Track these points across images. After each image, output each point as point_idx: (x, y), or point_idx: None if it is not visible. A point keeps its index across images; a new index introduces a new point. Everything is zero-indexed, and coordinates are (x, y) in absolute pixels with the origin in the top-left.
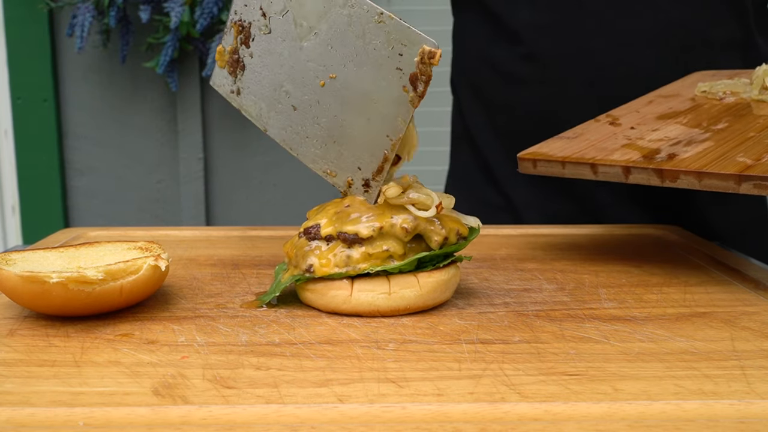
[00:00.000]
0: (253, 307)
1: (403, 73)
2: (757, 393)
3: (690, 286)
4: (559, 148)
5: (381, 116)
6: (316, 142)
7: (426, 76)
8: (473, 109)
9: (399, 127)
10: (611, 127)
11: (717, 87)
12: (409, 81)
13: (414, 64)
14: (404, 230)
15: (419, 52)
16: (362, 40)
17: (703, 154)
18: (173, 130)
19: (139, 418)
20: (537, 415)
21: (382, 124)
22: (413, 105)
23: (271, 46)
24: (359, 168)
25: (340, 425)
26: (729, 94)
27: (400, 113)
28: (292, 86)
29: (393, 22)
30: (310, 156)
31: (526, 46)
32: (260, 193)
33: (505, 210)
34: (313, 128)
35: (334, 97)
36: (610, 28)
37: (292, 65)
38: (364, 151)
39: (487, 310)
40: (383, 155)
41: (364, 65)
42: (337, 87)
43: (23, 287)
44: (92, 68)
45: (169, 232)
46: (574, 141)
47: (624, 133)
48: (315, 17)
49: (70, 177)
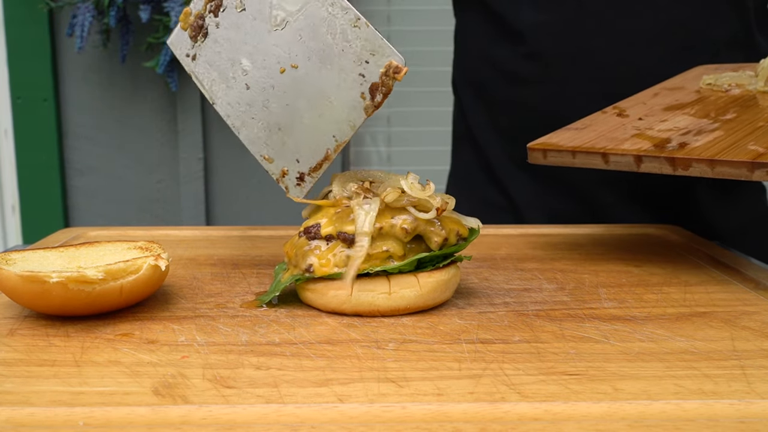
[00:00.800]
0: (253, 307)
1: (365, 80)
2: (757, 393)
3: (690, 286)
4: (568, 138)
5: (333, 116)
6: (260, 125)
7: (386, 88)
8: (475, 108)
9: (346, 131)
10: (619, 119)
11: (722, 79)
12: (368, 89)
13: (378, 75)
14: (404, 231)
15: (386, 65)
16: (333, 38)
17: (714, 142)
18: (173, 130)
19: (139, 417)
20: (537, 414)
21: (331, 124)
22: (366, 113)
23: (240, 21)
24: (297, 160)
25: (340, 425)
26: (734, 86)
27: (352, 118)
28: (251, 65)
29: (368, 30)
30: (251, 137)
31: (528, 46)
32: (260, 193)
33: (507, 210)
34: (262, 111)
35: (291, 86)
36: (611, 27)
37: (256, 45)
38: (306, 145)
39: (487, 309)
40: (325, 154)
41: (328, 63)
42: (296, 77)
43: (23, 287)
44: (92, 68)
45: (169, 232)
46: (583, 132)
47: (632, 124)
48: (294, 6)
49: (70, 177)
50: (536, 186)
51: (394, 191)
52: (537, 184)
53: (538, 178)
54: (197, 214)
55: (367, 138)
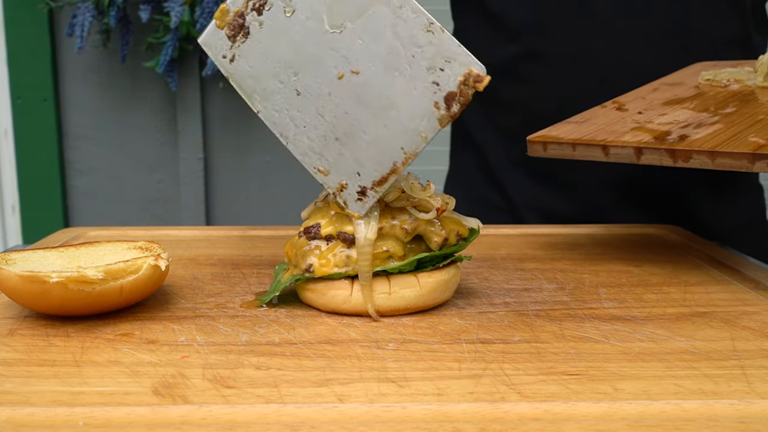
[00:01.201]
0: (253, 307)
1: (440, 89)
2: (757, 393)
3: (690, 286)
4: (568, 131)
5: (401, 126)
6: (313, 135)
7: (465, 98)
8: (473, 109)
9: (417, 143)
10: (618, 112)
11: (721, 75)
12: (443, 98)
13: (455, 83)
14: (404, 231)
15: (465, 73)
16: (401, 43)
17: (713, 135)
18: (173, 130)
19: (139, 417)
20: (537, 414)
21: (399, 135)
22: (441, 124)
23: (290, 21)
24: (358, 173)
25: (340, 425)
26: (733, 81)
27: (423, 128)
28: (303, 69)
29: (442, 36)
30: (303, 148)
31: (527, 46)
32: (260, 193)
33: (506, 210)
34: (315, 119)
35: (350, 94)
36: (610, 27)
37: (309, 47)
38: (369, 158)
39: (487, 309)
40: (392, 166)
41: (395, 70)
42: (357, 84)
43: (23, 287)
44: (92, 68)
45: (169, 232)
46: (583, 125)
47: (632, 118)
48: (354, 7)
49: (70, 177)
50: (535, 186)
51: (394, 191)
52: (535, 185)
53: (537, 178)
54: (197, 214)
55: None
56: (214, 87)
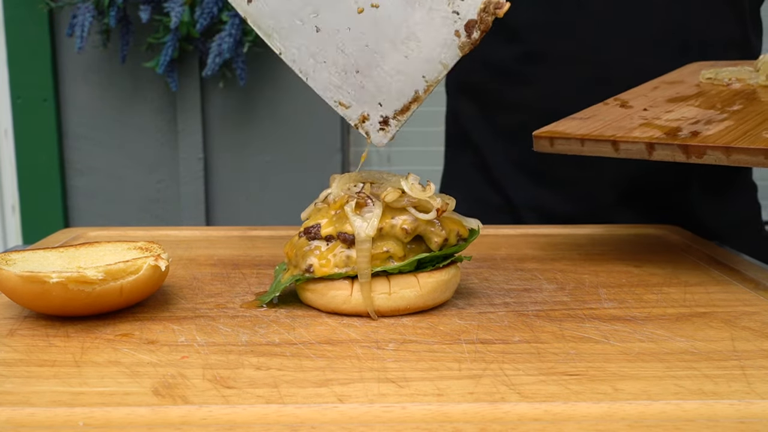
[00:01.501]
0: (253, 307)
1: (460, 17)
2: (757, 393)
3: (690, 286)
4: (575, 126)
5: (422, 56)
6: (334, 70)
7: (485, 25)
8: (470, 109)
9: (438, 70)
10: (623, 109)
11: (722, 73)
12: (464, 26)
13: (475, 11)
14: (404, 231)
15: (485, 1)
16: None
17: (726, 131)
18: (173, 130)
19: (139, 418)
20: (537, 415)
21: (420, 64)
22: (462, 51)
23: None
24: (380, 104)
25: (340, 425)
26: (735, 80)
27: (444, 57)
28: (322, 7)
29: None
30: (323, 83)
31: (525, 45)
32: (260, 193)
33: (504, 210)
34: (336, 54)
35: (371, 27)
36: (609, 27)
37: None
38: (391, 88)
39: (487, 310)
40: (414, 95)
41: (415, 1)
42: (378, 17)
43: (23, 287)
44: (92, 68)
45: (169, 232)
46: (588, 121)
47: (639, 114)
48: None
49: (70, 177)
50: (533, 186)
51: (394, 192)
52: (534, 185)
53: (536, 178)
54: (197, 214)
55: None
56: (214, 87)
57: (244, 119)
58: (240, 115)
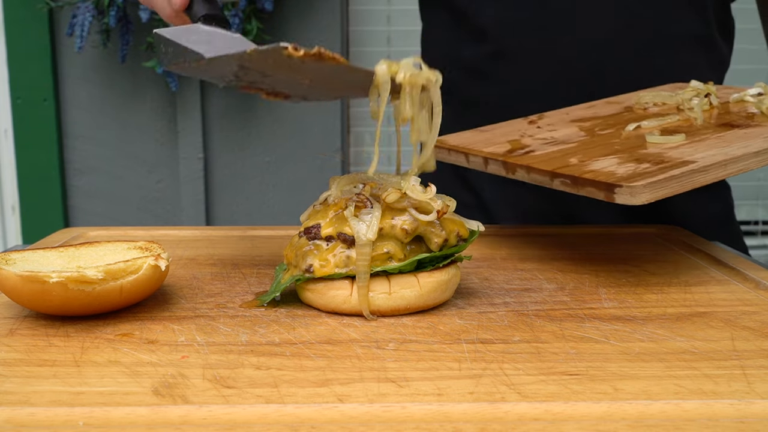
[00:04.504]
0: (253, 307)
1: None
2: (757, 393)
3: (690, 286)
4: (464, 137)
5: None
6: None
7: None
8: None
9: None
10: (525, 125)
11: (645, 98)
12: None
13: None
14: (404, 232)
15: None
16: None
17: (553, 153)
18: (173, 130)
19: (139, 418)
20: (537, 415)
21: None
22: None
23: None
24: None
25: (340, 425)
26: (652, 104)
27: None
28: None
29: None
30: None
31: (493, 44)
32: (260, 193)
33: (477, 208)
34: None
35: None
36: (574, 24)
37: None
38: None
39: (487, 309)
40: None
41: None
42: None
43: (23, 287)
44: (92, 68)
45: (169, 232)
46: (483, 133)
47: (525, 131)
48: None
49: (70, 177)
50: (504, 184)
51: (395, 192)
52: (505, 183)
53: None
54: (197, 214)
55: (366, 138)
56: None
57: (244, 119)
58: (240, 115)
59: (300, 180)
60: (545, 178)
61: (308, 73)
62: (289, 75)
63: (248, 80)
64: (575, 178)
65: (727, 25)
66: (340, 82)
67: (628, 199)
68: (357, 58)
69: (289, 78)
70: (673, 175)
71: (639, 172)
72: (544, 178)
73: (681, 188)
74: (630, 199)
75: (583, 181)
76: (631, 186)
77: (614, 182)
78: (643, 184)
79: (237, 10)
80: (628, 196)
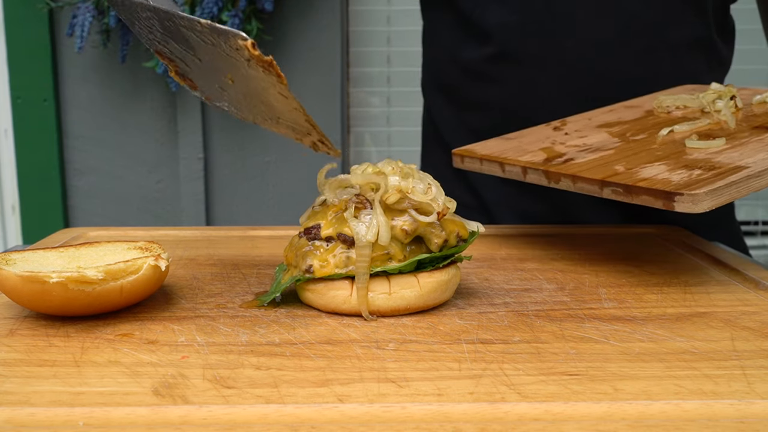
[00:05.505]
0: (253, 307)
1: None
2: (757, 393)
3: (690, 286)
4: (491, 146)
5: None
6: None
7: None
8: (444, 110)
9: None
10: (551, 132)
11: (667, 101)
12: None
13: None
14: (404, 232)
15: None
16: None
17: (594, 161)
18: (173, 130)
19: (139, 418)
20: (537, 415)
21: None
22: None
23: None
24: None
25: (340, 425)
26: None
27: None
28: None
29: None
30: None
31: (496, 46)
32: (260, 193)
33: (478, 210)
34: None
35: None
36: (577, 28)
37: None
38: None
39: (487, 310)
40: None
41: None
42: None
43: (23, 287)
44: (92, 68)
45: (169, 232)
46: (509, 141)
47: (555, 138)
48: None
49: (70, 177)
50: (505, 186)
51: (395, 193)
52: (506, 184)
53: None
54: (197, 214)
55: (366, 138)
56: None
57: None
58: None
59: (300, 180)
60: (594, 188)
61: (242, 76)
62: (219, 65)
63: (170, 48)
64: (629, 186)
65: (727, 27)
66: (267, 104)
67: (689, 207)
68: (357, 58)
69: (214, 67)
70: (732, 181)
71: (694, 179)
72: (593, 187)
73: (738, 194)
74: (692, 207)
75: (637, 189)
76: (693, 194)
77: (673, 190)
78: (705, 192)
79: (237, 11)
80: (690, 204)
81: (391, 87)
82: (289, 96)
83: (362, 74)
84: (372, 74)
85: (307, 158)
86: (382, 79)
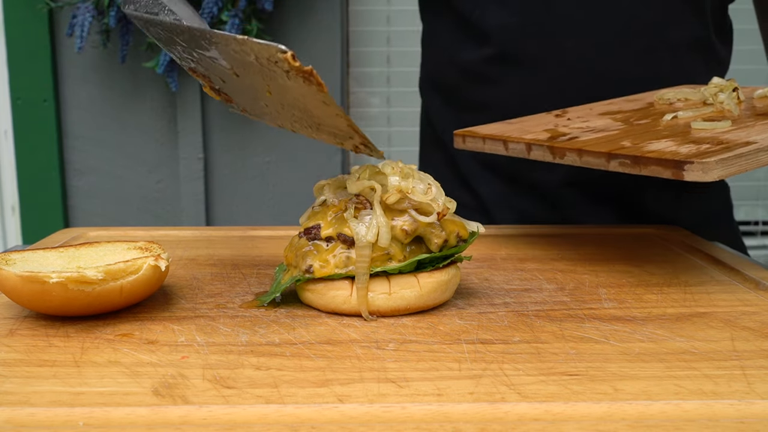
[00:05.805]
0: (253, 307)
1: None
2: (757, 393)
3: (690, 286)
4: (494, 128)
5: None
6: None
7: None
8: (443, 110)
9: None
10: (553, 118)
11: (669, 94)
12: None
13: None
14: (404, 232)
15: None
16: None
17: (599, 138)
18: (173, 130)
19: (139, 418)
20: (537, 415)
21: None
22: None
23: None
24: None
25: (340, 425)
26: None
27: None
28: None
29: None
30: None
31: (495, 47)
32: (260, 193)
33: (476, 209)
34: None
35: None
36: (577, 28)
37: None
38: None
39: (487, 310)
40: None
41: None
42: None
43: (23, 287)
44: (92, 68)
45: (169, 232)
46: (511, 125)
47: (557, 122)
48: None
49: (70, 177)
50: (503, 186)
51: (395, 194)
52: (504, 185)
53: (505, 178)
54: (197, 214)
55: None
56: None
57: (244, 119)
58: (240, 116)
59: (300, 180)
60: (600, 160)
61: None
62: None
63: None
64: (636, 157)
65: (725, 27)
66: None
67: (699, 176)
68: (357, 58)
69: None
70: (741, 152)
71: (703, 150)
72: (599, 160)
73: (747, 166)
74: (702, 175)
75: (645, 159)
76: (704, 162)
77: (683, 159)
78: (715, 160)
79: (237, 10)
80: (700, 173)
81: (391, 87)
82: (331, 102)
83: (362, 74)
84: (372, 74)
85: (307, 158)
86: (382, 79)
